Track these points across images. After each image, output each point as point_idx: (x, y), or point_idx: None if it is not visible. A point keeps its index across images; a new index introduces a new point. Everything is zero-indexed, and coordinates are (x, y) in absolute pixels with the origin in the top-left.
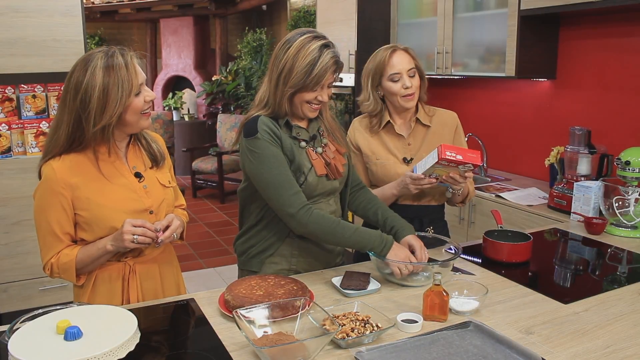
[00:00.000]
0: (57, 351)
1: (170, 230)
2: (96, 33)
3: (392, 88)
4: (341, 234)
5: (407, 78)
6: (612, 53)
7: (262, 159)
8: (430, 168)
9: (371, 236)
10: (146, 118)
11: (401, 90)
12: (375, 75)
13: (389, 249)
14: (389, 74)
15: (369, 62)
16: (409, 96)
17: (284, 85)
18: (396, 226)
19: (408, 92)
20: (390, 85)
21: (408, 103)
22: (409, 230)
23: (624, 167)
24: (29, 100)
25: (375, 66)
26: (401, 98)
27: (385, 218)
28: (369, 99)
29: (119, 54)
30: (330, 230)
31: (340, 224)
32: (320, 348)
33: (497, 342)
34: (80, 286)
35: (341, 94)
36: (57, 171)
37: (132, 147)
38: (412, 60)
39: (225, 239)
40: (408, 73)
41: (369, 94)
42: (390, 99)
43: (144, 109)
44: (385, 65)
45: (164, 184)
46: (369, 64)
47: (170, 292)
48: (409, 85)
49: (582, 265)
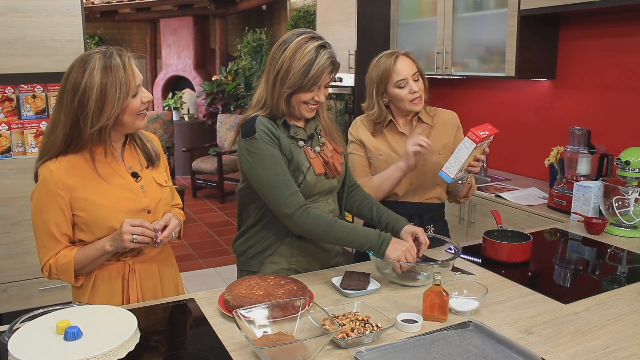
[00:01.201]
0: (57, 351)
1: (169, 230)
2: (96, 33)
3: (400, 94)
4: (338, 233)
5: (413, 82)
6: (612, 53)
7: (260, 158)
8: (466, 160)
9: (369, 234)
10: (142, 118)
11: (408, 96)
12: (381, 84)
13: (387, 246)
14: (395, 81)
15: (372, 70)
16: (416, 100)
17: (281, 86)
18: (392, 221)
19: (415, 96)
20: (398, 92)
21: (416, 107)
22: (404, 222)
23: (624, 167)
24: (29, 100)
25: (380, 74)
26: (409, 103)
27: (380, 215)
28: (374, 108)
29: (117, 54)
30: (327, 230)
31: (337, 222)
32: (320, 348)
33: (497, 342)
34: (80, 286)
35: (341, 94)
36: (54, 172)
37: (128, 147)
38: (413, 64)
39: (225, 239)
40: (413, 77)
41: (374, 102)
42: (397, 105)
43: (140, 110)
44: (390, 73)
45: (161, 183)
46: (372, 72)
47: (169, 291)
48: (416, 89)
49: (582, 265)
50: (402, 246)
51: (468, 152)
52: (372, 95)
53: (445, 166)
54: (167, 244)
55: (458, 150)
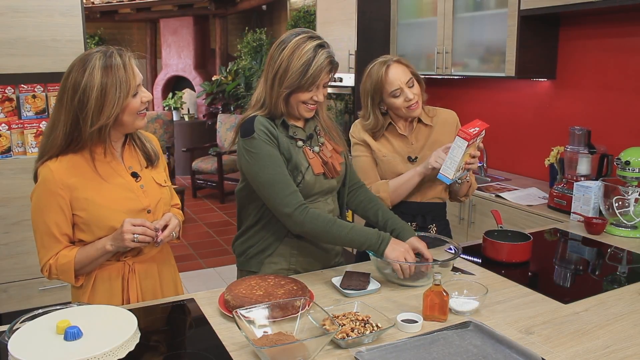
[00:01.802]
0: (57, 351)
1: (169, 230)
2: (96, 33)
3: (395, 103)
4: (337, 233)
5: (408, 90)
6: (612, 53)
7: (259, 158)
8: (462, 159)
9: (368, 234)
10: (142, 118)
11: (404, 104)
12: (375, 95)
13: (386, 246)
14: (390, 92)
15: (365, 80)
16: (413, 106)
17: (280, 85)
18: (397, 229)
19: (411, 103)
20: (393, 101)
21: (414, 112)
22: (410, 232)
23: (624, 167)
24: (29, 100)
25: (374, 86)
26: (406, 109)
27: (385, 220)
28: (369, 118)
29: (117, 54)
30: (327, 229)
31: (337, 222)
32: (320, 348)
33: (497, 342)
34: (80, 287)
35: (341, 94)
36: (54, 172)
37: (128, 147)
38: (406, 69)
39: (225, 239)
40: (407, 84)
41: (369, 112)
42: (396, 112)
43: (140, 110)
44: (383, 83)
45: (160, 183)
46: (366, 83)
47: (169, 291)
48: (411, 97)
49: (582, 265)
50: (401, 247)
51: (462, 151)
52: (367, 106)
53: (442, 168)
54: (166, 244)
55: (452, 151)
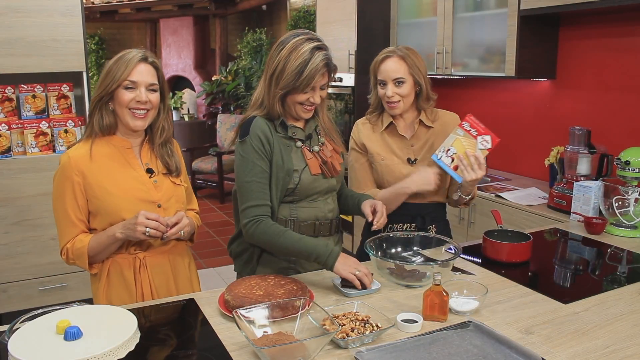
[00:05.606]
0: (57, 351)
1: (178, 227)
2: (96, 33)
3: (379, 92)
4: (285, 244)
5: (392, 87)
6: (612, 53)
7: (243, 162)
8: (453, 144)
9: (316, 245)
10: (137, 119)
11: (385, 97)
12: (372, 76)
13: (335, 258)
14: (378, 79)
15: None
16: (392, 104)
17: (276, 86)
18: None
19: (389, 100)
20: (379, 89)
21: (391, 110)
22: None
23: (624, 167)
24: (29, 100)
25: (372, 68)
26: (386, 104)
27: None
28: (371, 92)
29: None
30: (274, 241)
31: (286, 233)
32: (320, 348)
33: (497, 342)
34: (96, 276)
35: (341, 94)
36: (72, 159)
37: (146, 148)
38: (403, 68)
39: (225, 239)
40: (394, 82)
41: (371, 87)
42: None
43: (130, 105)
44: (376, 70)
45: (174, 181)
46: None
47: (184, 289)
48: (390, 95)
49: (582, 265)
50: (350, 261)
51: (454, 136)
52: (371, 81)
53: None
54: (183, 243)
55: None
